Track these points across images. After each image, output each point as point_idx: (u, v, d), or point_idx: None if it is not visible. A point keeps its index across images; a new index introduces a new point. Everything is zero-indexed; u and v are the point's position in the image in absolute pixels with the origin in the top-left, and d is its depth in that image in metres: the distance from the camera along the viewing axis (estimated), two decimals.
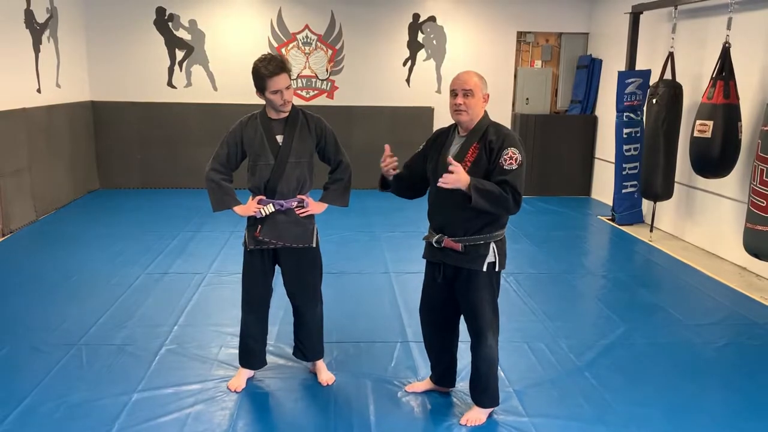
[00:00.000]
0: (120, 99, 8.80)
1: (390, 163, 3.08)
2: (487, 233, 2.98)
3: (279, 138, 3.25)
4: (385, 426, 3.13)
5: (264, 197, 3.28)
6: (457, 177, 2.79)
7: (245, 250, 3.39)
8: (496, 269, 3.04)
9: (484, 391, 3.16)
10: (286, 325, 3.67)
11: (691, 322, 4.51)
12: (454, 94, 2.96)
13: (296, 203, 3.30)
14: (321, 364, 3.61)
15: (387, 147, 3.11)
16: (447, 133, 3.13)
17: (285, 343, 3.89)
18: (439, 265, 3.11)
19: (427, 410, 3.29)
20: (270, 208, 3.26)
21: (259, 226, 3.28)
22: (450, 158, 2.87)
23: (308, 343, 3.54)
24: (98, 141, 8.81)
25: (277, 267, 3.45)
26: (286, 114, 3.26)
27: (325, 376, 3.57)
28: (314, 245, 3.39)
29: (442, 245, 3.03)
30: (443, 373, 3.42)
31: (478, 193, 2.81)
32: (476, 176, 2.88)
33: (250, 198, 3.31)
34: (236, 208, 3.30)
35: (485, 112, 3.03)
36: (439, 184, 2.83)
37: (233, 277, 3.47)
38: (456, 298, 3.15)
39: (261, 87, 3.17)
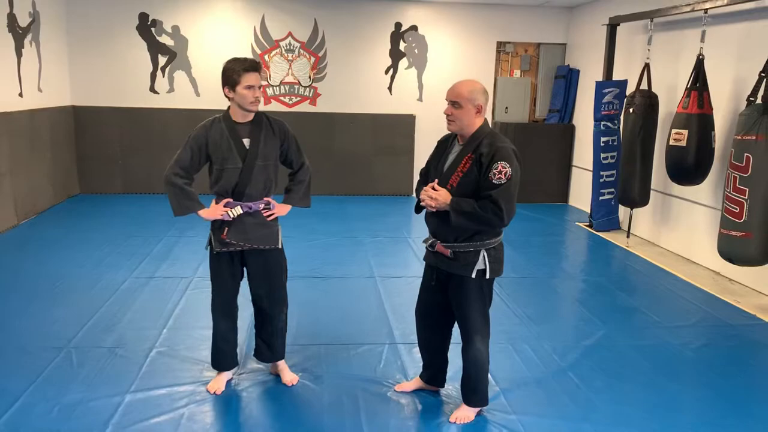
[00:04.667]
0: (101, 104, 8.77)
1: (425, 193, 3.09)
2: (477, 241, 3.03)
3: (246, 141, 3.26)
4: (376, 425, 3.19)
5: (231, 200, 3.29)
6: (439, 200, 2.97)
7: (211, 254, 3.39)
8: (486, 276, 3.07)
9: (474, 392, 3.24)
10: None
11: (668, 324, 4.66)
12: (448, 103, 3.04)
13: (263, 205, 3.34)
14: (283, 365, 3.65)
15: (435, 181, 3.08)
16: (449, 140, 3.19)
17: None
18: (435, 268, 3.20)
19: (417, 409, 3.37)
20: (238, 210, 3.27)
21: (226, 229, 3.28)
22: (435, 182, 3.03)
23: (273, 343, 3.56)
24: (79, 146, 8.76)
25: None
26: (252, 116, 3.28)
27: (289, 376, 3.61)
28: (280, 246, 3.44)
29: (435, 249, 3.12)
30: (435, 373, 3.50)
31: (456, 213, 2.93)
32: (467, 187, 2.95)
33: (213, 201, 3.31)
34: (201, 212, 3.27)
35: (485, 121, 3.05)
36: (422, 204, 3.03)
37: None
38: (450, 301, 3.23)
39: (233, 82, 3.14)
